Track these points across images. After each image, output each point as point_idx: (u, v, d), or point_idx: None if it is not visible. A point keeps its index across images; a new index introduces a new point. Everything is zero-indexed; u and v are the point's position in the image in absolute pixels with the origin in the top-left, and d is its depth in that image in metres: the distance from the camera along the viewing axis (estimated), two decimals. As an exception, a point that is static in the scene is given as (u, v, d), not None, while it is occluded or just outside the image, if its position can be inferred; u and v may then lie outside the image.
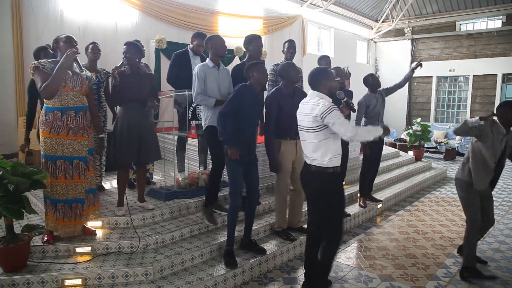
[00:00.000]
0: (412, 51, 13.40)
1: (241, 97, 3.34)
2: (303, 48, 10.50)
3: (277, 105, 3.74)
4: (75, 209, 3.28)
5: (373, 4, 12.64)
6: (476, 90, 12.18)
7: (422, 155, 9.09)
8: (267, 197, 4.80)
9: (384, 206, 5.69)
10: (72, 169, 3.22)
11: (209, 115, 3.79)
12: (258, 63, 3.51)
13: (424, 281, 3.51)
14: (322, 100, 2.87)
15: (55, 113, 3.14)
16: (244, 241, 3.68)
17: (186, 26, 7.52)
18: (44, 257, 3.20)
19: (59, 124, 3.14)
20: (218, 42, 3.85)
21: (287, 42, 4.83)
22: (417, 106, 13.56)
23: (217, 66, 3.85)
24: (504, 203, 6.23)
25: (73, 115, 3.18)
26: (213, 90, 3.78)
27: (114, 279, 3.01)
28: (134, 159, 3.79)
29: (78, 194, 3.28)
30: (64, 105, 3.15)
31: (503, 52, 11.57)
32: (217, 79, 3.82)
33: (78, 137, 3.22)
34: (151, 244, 3.42)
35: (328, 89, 2.98)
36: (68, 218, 3.26)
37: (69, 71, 3.18)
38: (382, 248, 4.28)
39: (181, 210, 4.04)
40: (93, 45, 4.34)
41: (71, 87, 3.16)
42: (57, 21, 5.93)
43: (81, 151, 3.26)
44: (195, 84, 3.77)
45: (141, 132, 3.71)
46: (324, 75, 2.98)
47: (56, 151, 3.16)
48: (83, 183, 3.30)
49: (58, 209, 3.23)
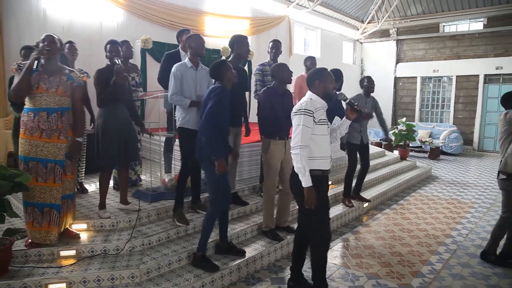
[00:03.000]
0: (397, 52, 13.57)
1: (222, 98, 3.21)
2: (289, 49, 10.54)
3: (270, 104, 3.77)
4: (47, 215, 3.15)
5: (359, 5, 12.76)
6: (459, 90, 12.40)
7: (407, 155, 9.22)
8: (254, 198, 4.80)
9: (370, 205, 5.75)
10: (46, 172, 3.12)
11: (181, 116, 3.74)
12: (225, 62, 3.39)
13: (410, 278, 3.56)
14: (307, 100, 2.84)
15: (29, 114, 3.08)
16: (221, 245, 3.56)
17: (172, 26, 7.46)
18: (26, 262, 3.13)
19: (32, 125, 3.08)
20: (197, 42, 3.78)
21: (271, 42, 4.86)
22: (402, 106, 13.73)
23: (196, 66, 3.79)
24: (486, 200, 6.35)
25: (45, 116, 3.09)
26: (189, 90, 3.73)
27: (100, 282, 2.96)
28: (122, 161, 3.73)
29: (53, 199, 3.16)
30: (37, 106, 3.08)
31: (484, 54, 11.80)
32: (194, 79, 3.76)
33: (53, 139, 3.13)
34: (137, 246, 3.38)
35: (322, 90, 2.87)
36: (38, 223, 3.14)
37: (46, 72, 3.08)
38: (369, 246, 4.32)
39: (167, 212, 4.01)
40: (70, 44, 4.19)
41: (44, 89, 3.08)
42: (40, 20, 5.82)
43: (57, 154, 3.15)
44: (171, 84, 3.71)
45: (127, 134, 3.67)
46: (318, 75, 2.89)
47: (29, 153, 3.08)
48: (58, 188, 3.18)
49: (28, 212, 3.13)
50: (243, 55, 4.22)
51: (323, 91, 2.87)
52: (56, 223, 3.20)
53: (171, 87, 3.72)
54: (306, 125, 2.73)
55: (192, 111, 3.69)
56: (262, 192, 4.84)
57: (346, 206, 5.24)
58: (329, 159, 2.90)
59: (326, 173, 2.91)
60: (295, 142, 2.74)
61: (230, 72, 3.31)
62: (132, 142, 3.75)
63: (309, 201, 2.73)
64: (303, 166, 2.71)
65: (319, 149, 2.83)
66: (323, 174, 2.87)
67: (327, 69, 2.96)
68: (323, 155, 2.86)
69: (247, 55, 4.22)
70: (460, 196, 6.65)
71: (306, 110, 2.75)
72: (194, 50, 3.78)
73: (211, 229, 3.30)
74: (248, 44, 4.22)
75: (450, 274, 3.66)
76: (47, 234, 3.18)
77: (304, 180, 2.72)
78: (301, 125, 2.73)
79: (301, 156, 2.71)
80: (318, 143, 2.81)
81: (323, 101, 2.88)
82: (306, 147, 2.73)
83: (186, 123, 3.71)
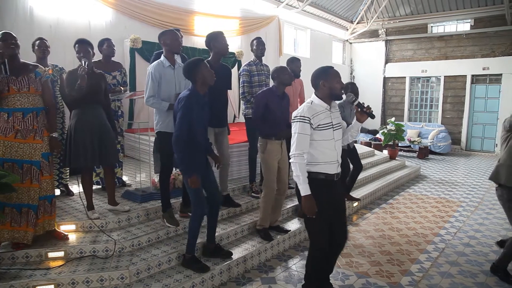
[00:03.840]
0: (386, 52, 13.68)
1: (188, 110, 3.04)
2: (279, 49, 10.55)
3: (264, 104, 3.79)
4: (25, 215, 3.12)
5: (348, 5, 12.84)
6: (447, 90, 12.55)
7: (397, 154, 9.30)
8: (244, 198, 4.79)
9: (360, 204, 5.79)
10: (22, 173, 3.08)
11: (160, 120, 3.61)
12: (199, 61, 3.15)
13: (399, 277, 3.59)
14: (305, 105, 2.73)
15: (2, 115, 3.02)
16: (208, 247, 3.51)
17: (161, 26, 7.41)
18: (13, 264, 3.08)
19: (5, 126, 3.02)
20: (172, 38, 3.61)
21: (255, 39, 4.77)
22: (391, 106, 13.85)
23: (173, 64, 3.64)
24: (474, 199, 6.44)
25: (21, 117, 3.05)
26: (168, 92, 3.58)
27: (89, 283, 2.93)
28: (94, 163, 3.60)
29: (30, 200, 3.12)
30: (11, 107, 3.02)
31: (471, 54, 11.97)
32: (173, 79, 3.62)
33: (28, 140, 3.09)
34: (127, 247, 3.36)
35: (328, 91, 2.70)
36: (16, 223, 3.10)
37: (12, 74, 3.00)
38: (358, 245, 4.34)
39: (157, 212, 3.98)
40: (40, 41, 4.01)
41: (16, 90, 3.02)
42: (26, 19, 5.72)
43: (33, 155, 3.11)
44: (148, 85, 3.54)
45: (101, 135, 3.54)
46: (323, 75, 2.71)
47: (3, 154, 3.03)
48: (36, 189, 3.14)
49: (5, 213, 3.08)
50: (222, 51, 4.05)
51: (329, 92, 2.70)
52: (32, 224, 3.15)
53: (147, 89, 3.55)
54: (302, 132, 2.65)
55: (171, 114, 3.47)
56: (252, 192, 4.85)
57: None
58: (336, 164, 2.75)
59: (331, 177, 2.74)
60: (292, 151, 2.67)
61: (204, 72, 3.11)
62: (108, 144, 3.59)
63: (307, 209, 2.65)
64: (298, 174, 2.64)
65: (323, 154, 2.71)
66: (326, 178, 2.73)
67: (332, 68, 2.76)
68: (328, 160, 2.72)
69: (226, 51, 4.02)
70: (448, 195, 6.74)
71: (302, 117, 2.65)
72: (170, 47, 3.62)
73: (197, 231, 3.26)
74: (224, 39, 4.02)
75: (438, 272, 3.70)
76: (25, 234, 3.14)
77: (301, 188, 2.64)
78: (297, 132, 2.67)
79: (298, 164, 2.63)
80: (320, 148, 2.70)
81: (325, 104, 2.72)
82: (302, 155, 2.66)
83: (166, 127, 3.58)
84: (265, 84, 4.64)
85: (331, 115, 2.75)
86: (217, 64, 4.04)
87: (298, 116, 2.69)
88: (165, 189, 3.72)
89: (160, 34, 3.71)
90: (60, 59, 4.27)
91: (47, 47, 4.06)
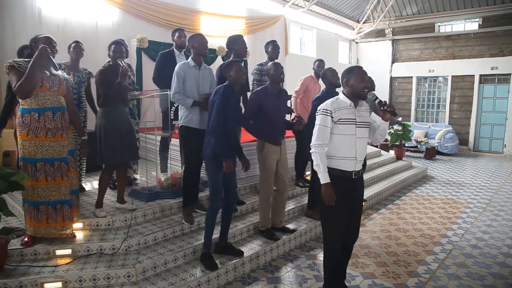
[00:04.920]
0: (393, 52, 13.61)
1: (227, 101, 3.24)
2: (285, 48, 10.53)
3: (258, 105, 3.77)
4: (60, 211, 3.22)
5: (354, 5, 12.79)
6: (454, 90, 12.45)
7: (403, 154, 9.25)
8: (251, 197, 4.79)
9: (366, 205, 5.76)
10: (54, 170, 3.17)
11: (184, 115, 3.75)
12: (234, 62, 3.44)
13: (406, 278, 3.57)
14: (331, 100, 2.82)
15: (32, 115, 3.07)
16: (219, 245, 3.58)
17: (168, 25, 7.44)
18: (22, 260, 3.11)
19: (37, 126, 3.08)
20: (200, 41, 3.81)
21: (271, 42, 4.89)
22: (398, 106, 13.76)
23: (198, 65, 3.81)
24: (481, 200, 6.39)
25: (51, 115, 3.12)
26: (191, 90, 3.74)
27: (96, 281, 2.95)
28: (125, 159, 3.78)
29: (62, 196, 3.22)
30: (41, 106, 3.08)
31: (479, 54, 11.86)
32: (197, 79, 3.77)
33: (57, 138, 3.16)
34: (133, 246, 3.38)
35: (350, 89, 2.79)
36: (53, 219, 3.21)
37: (47, 71, 3.11)
38: (365, 246, 4.33)
39: (163, 211, 4.00)
40: (76, 43, 4.26)
41: (48, 87, 3.10)
42: (34, 19, 5.78)
43: (62, 152, 3.21)
44: (174, 83, 3.74)
45: (128, 133, 3.71)
46: (347, 74, 2.83)
47: (35, 154, 3.09)
48: (66, 184, 3.25)
49: (40, 211, 3.16)
50: (240, 53, 4.29)
51: (351, 90, 2.80)
52: (69, 218, 3.28)
53: (173, 86, 3.73)
54: (323, 124, 2.75)
55: (195, 110, 3.70)
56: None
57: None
58: (353, 160, 2.76)
59: (348, 175, 2.78)
60: (312, 141, 2.77)
61: (236, 72, 3.33)
62: (132, 141, 3.79)
63: (327, 197, 2.72)
64: (318, 163, 2.72)
65: (341, 149, 2.76)
66: (342, 174, 2.77)
67: (359, 67, 2.84)
68: (345, 156, 2.76)
69: (245, 54, 4.27)
70: (455, 196, 6.69)
71: (325, 110, 2.76)
72: (197, 50, 3.80)
73: (211, 225, 3.35)
74: (244, 43, 4.30)
75: (445, 274, 3.68)
76: (62, 229, 3.26)
77: (321, 177, 2.72)
78: (319, 124, 2.77)
79: (318, 154, 2.73)
80: (338, 143, 2.76)
81: (349, 101, 2.79)
82: (322, 146, 2.74)
83: (189, 121, 3.71)
84: None
85: (356, 112, 2.81)
86: None
87: (321, 110, 2.79)
88: (188, 184, 3.80)
89: (189, 37, 3.90)
90: (67, 59, 4.32)
91: (82, 50, 4.28)
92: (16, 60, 3.12)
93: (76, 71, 4.27)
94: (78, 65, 4.31)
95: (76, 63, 4.28)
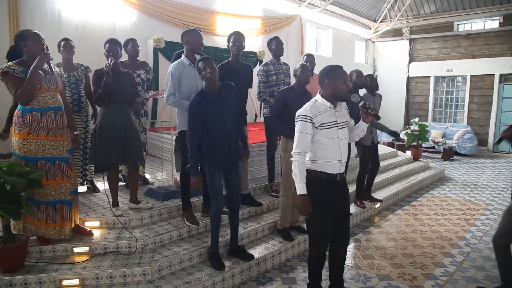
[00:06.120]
0: (410, 51, 13.42)
1: (194, 112, 3.10)
2: (301, 48, 10.49)
3: (283, 103, 3.79)
4: (60, 211, 3.22)
5: (371, 4, 12.65)
6: (473, 90, 12.19)
7: (420, 155, 9.11)
8: (266, 197, 4.79)
9: (382, 206, 5.70)
10: (55, 170, 3.18)
11: (181, 119, 3.62)
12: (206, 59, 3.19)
13: (422, 280, 3.52)
14: (308, 104, 2.72)
15: (34, 114, 3.08)
16: (231, 247, 3.57)
17: (184, 26, 7.49)
18: (41, 258, 3.18)
19: (38, 125, 3.09)
20: (194, 37, 3.62)
21: (273, 39, 4.77)
22: (415, 106, 13.57)
23: (193, 63, 3.60)
24: (501, 202, 6.24)
25: (53, 115, 3.14)
26: (189, 90, 3.55)
27: (112, 279, 3.00)
28: (120, 160, 3.73)
29: (62, 196, 3.22)
30: (43, 106, 3.09)
31: (500, 53, 11.59)
32: (194, 78, 3.61)
33: (57, 137, 3.18)
34: (149, 244, 3.41)
35: (331, 91, 2.66)
36: (52, 220, 3.20)
37: (40, 71, 3.06)
38: (380, 247, 4.28)
39: (179, 210, 4.03)
40: (65, 41, 4.10)
41: (46, 88, 3.10)
42: (54, 21, 5.90)
43: (62, 151, 3.21)
44: (168, 84, 3.57)
45: (127, 133, 3.65)
46: (329, 74, 2.67)
47: (37, 153, 3.11)
48: (67, 184, 3.25)
49: (41, 210, 3.17)
50: (233, 51, 4.07)
51: (333, 93, 2.66)
52: (68, 218, 3.26)
53: (167, 88, 3.58)
54: (302, 131, 2.64)
55: None
56: (272, 192, 4.84)
57: (358, 207, 5.21)
58: (339, 163, 2.72)
59: (333, 177, 2.73)
60: (293, 148, 2.68)
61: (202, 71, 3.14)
62: (132, 142, 3.70)
63: (303, 208, 2.65)
64: (296, 172, 2.63)
65: (326, 153, 2.69)
66: (327, 177, 2.72)
67: (341, 67, 2.70)
68: (331, 159, 2.70)
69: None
70: (474, 198, 6.55)
71: (304, 116, 2.65)
72: (192, 47, 3.63)
73: (215, 226, 3.31)
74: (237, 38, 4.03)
75: (463, 277, 3.61)
76: (61, 230, 3.25)
77: (298, 187, 2.63)
78: (298, 131, 2.67)
79: (297, 162, 2.63)
80: (323, 147, 2.69)
81: (328, 103, 2.68)
82: (303, 154, 2.65)
83: (186, 126, 3.51)
84: (284, 83, 4.63)
85: (336, 113, 2.72)
86: (237, 63, 4.10)
87: (300, 115, 2.68)
88: (186, 188, 3.75)
89: (183, 33, 3.74)
90: (86, 60, 4.38)
91: (72, 47, 4.14)
92: (8, 65, 3.02)
93: (71, 69, 4.14)
94: (72, 63, 4.18)
95: (69, 62, 4.14)
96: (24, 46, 3.10)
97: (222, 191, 3.33)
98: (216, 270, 3.26)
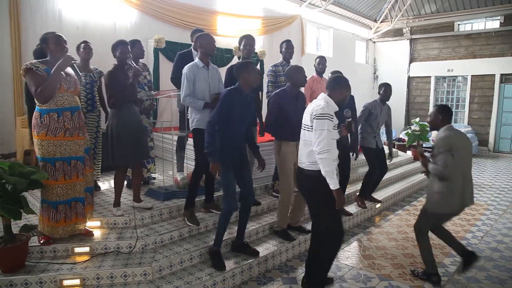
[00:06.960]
0: (411, 51, 13.41)
1: (229, 102, 3.23)
2: (302, 48, 10.50)
3: (278, 106, 3.78)
4: (74, 208, 3.28)
5: (372, 4, 12.65)
6: (474, 90, 12.19)
7: (421, 155, 9.08)
8: (266, 197, 4.79)
9: (382, 206, 5.70)
10: (71, 169, 3.22)
11: (196, 118, 3.72)
12: (247, 64, 3.41)
13: (423, 280, 3.51)
14: (324, 104, 2.87)
15: (51, 115, 3.10)
16: (236, 243, 3.60)
17: (185, 26, 7.51)
18: (42, 257, 3.19)
19: (56, 126, 3.11)
20: (207, 41, 3.75)
21: (284, 42, 4.86)
22: (416, 106, 13.56)
23: (207, 66, 3.77)
24: (502, 202, 6.24)
25: (70, 115, 3.17)
26: (203, 91, 3.70)
27: (113, 279, 3.00)
28: (137, 159, 3.81)
29: (77, 193, 3.28)
30: (60, 106, 3.12)
31: (501, 53, 11.58)
32: (207, 79, 3.74)
33: (74, 137, 3.21)
34: (149, 244, 3.42)
35: (339, 98, 2.95)
36: (69, 218, 3.27)
37: (62, 72, 3.13)
38: (381, 247, 4.28)
39: (180, 210, 4.03)
40: (85, 44, 4.28)
41: (65, 88, 3.14)
42: (55, 21, 5.90)
43: (78, 151, 3.26)
44: (184, 86, 3.69)
45: (139, 133, 3.74)
46: (344, 85, 2.98)
47: (54, 153, 3.14)
48: (81, 182, 3.30)
49: (59, 211, 3.21)
50: (243, 55, 4.28)
51: (341, 100, 2.97)
52: (82, 214, 3.33)
53: (183, 89, 3.69)
54: (329, 129, 2.79)
55: (206, 112, 3.65)
56: (273, 191, 4.84)
57: (359, 207, 5.21)
58: (337, 162, 2.94)
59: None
60: (321, 147, 2.76)
61: (248, 74, 3.29)
62: (143, 141, 3.82)
63: (340, 202, 2.80)
64: (331, 169, 2.76)
65: (333, 153, 2.86)
66: None
67: (348, 80, 3.06)
68: (335, 158, 2.90)
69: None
70: (475, 198, 6.51)
71: (330, 115, 2.82)
72: (205, 50, 3.75)
73: (224, 226, 3.34)
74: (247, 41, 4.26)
75: (464, 277, 3.60)
76: (75, 226, 3.32)
77: (332, 183, 2.76)
78: (325, 129, 2.77)
79: (329, 160, 2.76)
80: (332, 147, 2.83)
81: (337, 107, 2.95)
82: (330, 151, 2.77)
83: (201, 124, 3.67)
84: None
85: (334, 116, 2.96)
86: None
87: (325, 114, 2.80)
88: (195, 187, 3.78)
89: (196, 37, 3.87)
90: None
91: (91, 50, 4.30)
92: (33, 62, 3.11)
93: (88, 71, 4.29)
94: (88, 64, 4.33)
95: (87, 63, 4.30)
96: (47, 49, 3.19)
97: (235, 190, 3.38)
98: (217, 270, 3.26)
